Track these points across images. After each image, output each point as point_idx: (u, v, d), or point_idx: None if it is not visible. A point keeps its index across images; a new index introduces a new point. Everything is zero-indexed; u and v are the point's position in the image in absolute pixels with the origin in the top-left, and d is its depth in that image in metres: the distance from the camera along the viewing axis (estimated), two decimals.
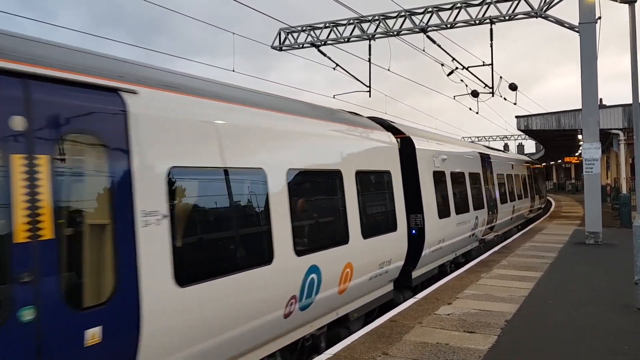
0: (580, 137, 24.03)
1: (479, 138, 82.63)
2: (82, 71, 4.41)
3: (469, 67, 20.95)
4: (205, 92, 5.84)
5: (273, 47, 23.94)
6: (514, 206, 21.47)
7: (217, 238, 5.77)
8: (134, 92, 4.75)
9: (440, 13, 20.52)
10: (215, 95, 5.98)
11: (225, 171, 5.69)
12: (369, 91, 22.31)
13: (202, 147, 5.40)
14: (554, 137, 37.83)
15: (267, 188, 6.33)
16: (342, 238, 7.99)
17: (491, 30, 20.07)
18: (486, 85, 21.51)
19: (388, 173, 9.90)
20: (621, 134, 27.31)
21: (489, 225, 17.78)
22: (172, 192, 4.97)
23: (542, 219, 27.62)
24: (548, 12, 18.86)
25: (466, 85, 22.27)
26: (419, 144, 11.81)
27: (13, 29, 4.63)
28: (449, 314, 8.51)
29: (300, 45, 23.34)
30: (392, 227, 9.70)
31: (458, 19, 20.28)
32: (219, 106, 5.93)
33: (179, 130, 5.13)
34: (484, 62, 20.87)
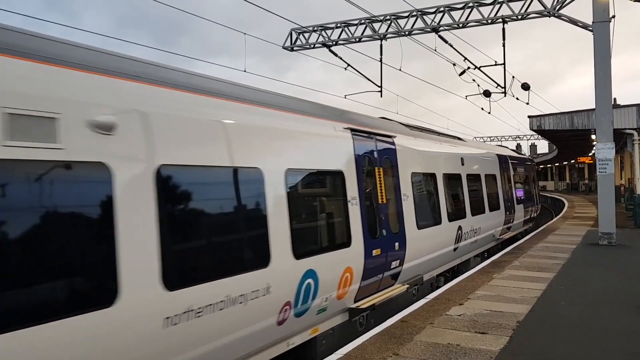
0: (593, 137, 23.81)
1: (491, 138, 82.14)
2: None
3: (481, 66, 20.85)
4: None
5: (284, 48, 24.00)
6: (459, 227, 13.34)
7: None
8: None
9: (452, 12, 20.45)
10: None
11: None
12: (381, 91, 22.28)
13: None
14: (567, 137, 37.53)
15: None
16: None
17: (503, 29, 19.96)
18: (498, 85, 21.40)
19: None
20: (635, 133, 27.04)
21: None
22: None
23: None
24: (561, 11, 18.72)
25: (478, 85, 22.19)
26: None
27: (38, 30, 4.84)
28: (460, 315, 8.49)
29: (312, 46, 23.37)
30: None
31: (470, 18, 20.20)
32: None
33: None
34: (496, 61, 20.77)
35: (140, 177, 4.75)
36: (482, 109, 24.31)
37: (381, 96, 22.35)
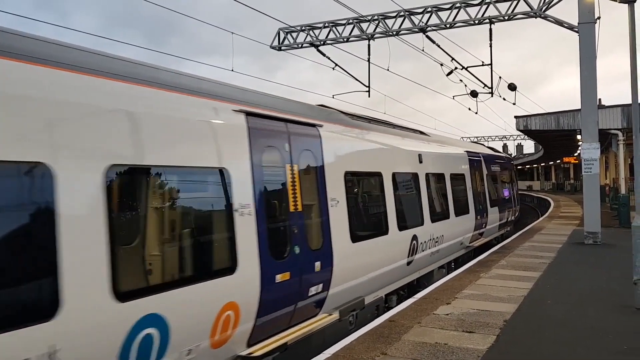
0: (579, 137, 24.05)
1: (478, 138, 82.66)
2: None
3: (468, 67, 20.96)
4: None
5: (272, 47, 23.94)
6: (414, 237, 11.40)
7: None
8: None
9: (439, 13, 20.53)
10: None
11: None
12: (368, 91, 22.31)
13: None
14: (553, 138, 37.90)
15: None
16: None
17: (490, 30, 20.08)
18: (485, 85, 21.52)
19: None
20: (620, 134, 27.36)
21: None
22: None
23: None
24: (547, 12, 18.87)
25: (465, 86, 22.29)
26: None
27: (28, 31, 4.69)
28: (447, 314, 8.51)
29: (300, 45, 23.34)
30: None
31: (457, 18, 20.29)
32: None
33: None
34: (483, 62, 20.89)
35: None
36: (470, 109, 24.45)
37: (369, 96, 22.41)
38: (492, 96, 21.59)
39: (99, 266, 4.53)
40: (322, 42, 22.76)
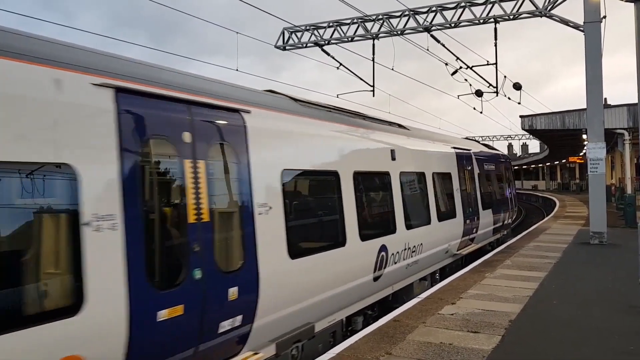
0: (584, 136, 23.95)
1: (483, 137, 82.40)
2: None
3: (473, 66, 20.91)
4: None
5: (277, 47, 23.95)
6: (383, 247, 9.75)
7: None
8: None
9: (444, 12, 20.48)
10: None
11: None
12: (373, 91, 22.28)
13: None
14: (558, 137, 37.76)
15: None
16: None
17: (495, 29, 20.03)
18: (490, 84, 21.46)
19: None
20: (626, 133, 27.22)
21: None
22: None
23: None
24: (553, 12, 18.80)
25: (470, 85, 22.24)
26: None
27: (34, 31, 4.60)
28: (452, 314, 8.49)
29: (304, 45, 23.33)
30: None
31: (462, 18, 20.24)
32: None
33: None
34: (488, 61, 20.83)
35: None
36: (474, 108, 24.37)
37: (373, 96, 22.38)
38: (497, 96, 21.53)
39: None
40: (326, 42, 22.74)
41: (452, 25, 20.37)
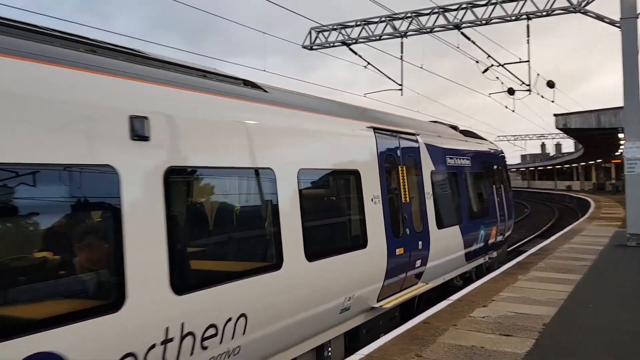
0: (621, 135, 23.27)
1: (515, 137, 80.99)
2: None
3: (505, 64, 20.55)
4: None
5: (304, 47, 23.96)
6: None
7: None
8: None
9: (474, 9, 20.19)
10: None
11: None
12: (401, 89, 22.10)
13: None
14: (593, 136, 36.82)
15: None
16: None
17: (528, 26, 19.65)
18: (523, 82, 21.06)
19: None
20: None
21: None
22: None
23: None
24: (588, 7, 18.32)
25: (502, 83, 21.86)
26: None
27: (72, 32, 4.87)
28: (484, 317, 8.31)
29: (331, 44, 23.28)
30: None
31: (493, 15, 19.91)
32: None
33: None
34: (520, 58, 20.44)
35: None
36: (506, 107, 23.94)
37: (402, 95, 22.19)
38: (529, 94, 21.13)
39: None
40: (354, 41, 22.65)
41: (483, 22, 20.05)
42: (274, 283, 6.28)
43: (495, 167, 15.69)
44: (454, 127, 14.76)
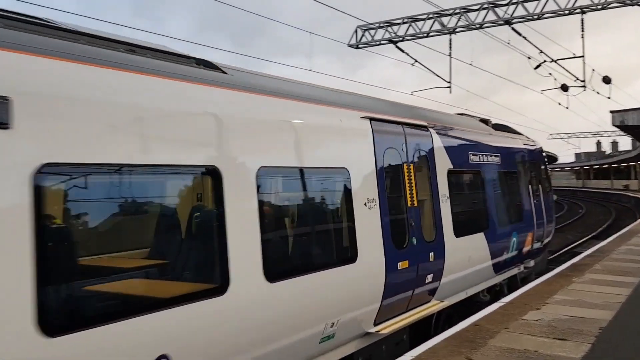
0: None
1: (569, 135, 78.42)
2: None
3: (558, 59, 19.93)
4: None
5: (350, 46, 23.93)
6: None
7: None
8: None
9: (525, 4, 19.66)
10: None
11: None
12: (449, 87, 21.77)
13: None
14: None
15: None
16: None
17: (582, 20, 19.00)
18: (577, 78, 20.37)
19: None
20: None
21: None
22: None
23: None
24: None
25: (555, 79, 21.21)
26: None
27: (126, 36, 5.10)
28: (537, 320, 8.09)
29: (378, 43, 23.16)
30: None
31: (546, 9, 19.33)
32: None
33: None
34: (574, 54, 19.78)
35: None
36: (560, 104, 23.22)
37: (450, 92, 21.86)
38: (584, 90, 20.41)
39: None
40: (401, 39, 22.46)
41: (535, 17, 19.50)
42: (215, 312, 4.91)
43: (532, 165, 13.83)
44: (485, 121, 13.02)
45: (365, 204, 7.12)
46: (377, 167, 7.49)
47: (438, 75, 21.91)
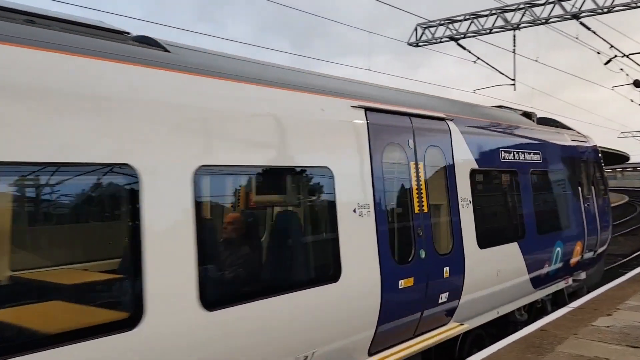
0: None
1: None
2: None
3: (630, 54, 18.97)
4: None
5: (409, 44, 23.65)
6: None
7: None
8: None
9: None
10: None
11: None
12: (514, 84, 21.15)
13: None
14: None
15: None
16: None
17: None
18: None
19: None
20: None
21: None
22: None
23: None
24: None
25: (627, 75, 20.20)
26: None
27: (189, 42, 4.45)
28: (608, 326, 7.76)
29: (438, 40, 22.77)
30: None
31: (616, 2, 18.41)
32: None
33: None
34: None
35: None
36: (632, 100, 22.10)
37: (514, 90, 21.23)
38: None
39: None
40: (462, 36, 22.00)
41: (605, 10, 18.60)
42: (124, 350, 3.95)
43: (583, 164, 12.13)
44: (528, 114, 11.70)
45: (354, 211, 5.96)
46: (373, 167, 6.31)
47: (501, 73, 21.34)
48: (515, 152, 9.39)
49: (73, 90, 3.97)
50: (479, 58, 21.48)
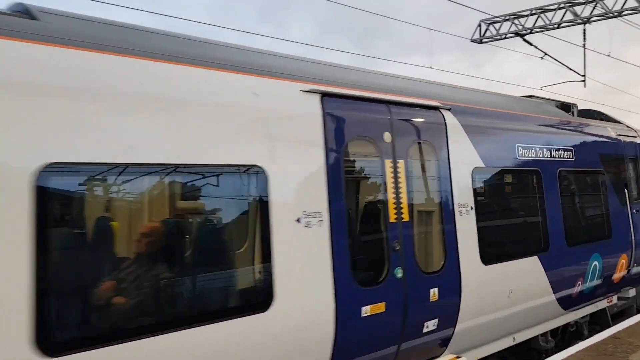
0: None
1: None
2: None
3: None
4: None
5: (472, 41, 23.15)
6: None
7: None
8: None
9: None
10: None
11: None
12: (584, 80, 20.28)
13: None
14: None
15: None
16: None
17: None
18: None
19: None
20: None
21: None
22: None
23: None
24: None
25: None
26: None
27: (251, 44, 4.86)
28: None
29: (503, 36, 22.17)
30: None
31: None
32: None
33: None
34: None
35: None
36: None
37: (584, 86, 20.37)
38: None
39: None
40: (528, 31, 21.31)
41: None
42: None
43: (631, 162, 10.51)
44: (567, 106, 10.20)
45: (298, 220, 4.84)
46: (329, 165, 5.16)
47: (570, 69, 20.52)
48: (537, 149, 7.94)
49: None
50: (546, 54, 20.76)
